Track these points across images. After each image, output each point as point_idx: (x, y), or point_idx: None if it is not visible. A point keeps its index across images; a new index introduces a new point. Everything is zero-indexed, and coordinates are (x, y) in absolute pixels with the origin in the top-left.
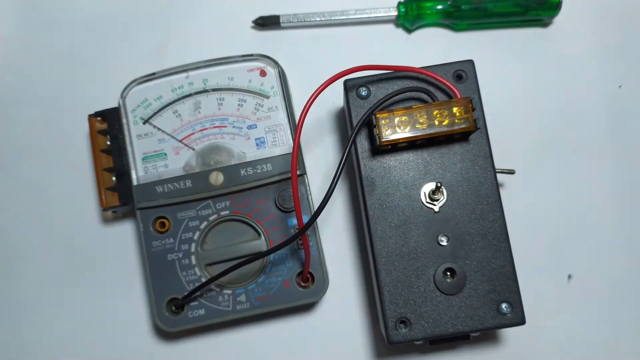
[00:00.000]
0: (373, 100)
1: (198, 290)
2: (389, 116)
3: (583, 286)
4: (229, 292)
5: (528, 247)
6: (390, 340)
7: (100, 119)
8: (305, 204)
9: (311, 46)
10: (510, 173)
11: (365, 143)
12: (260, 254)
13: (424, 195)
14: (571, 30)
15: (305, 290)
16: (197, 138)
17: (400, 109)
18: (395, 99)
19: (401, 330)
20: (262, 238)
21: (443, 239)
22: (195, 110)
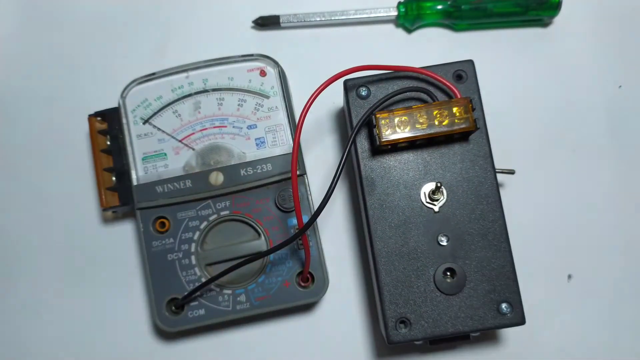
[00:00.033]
0: (373, 100)
1: (198, 290)
2: (389, 116)
3: (583, 286)
4: (229, 292)
5: (528, 247)
6: (390, 340)
7: (100, 119)
8: (305, 204)
9: (311, 46)
10: (510, 173)
11: (365, 143)
12: (260, 254)
13: (423, 195)
14: (571, 30)
15: (305, 290)
16: (197, 138)
17: (400, 109)
18: (395, 99)
19: (401, 330)
20: (262, 238)
21: (443, 239)
22: (195, 110)
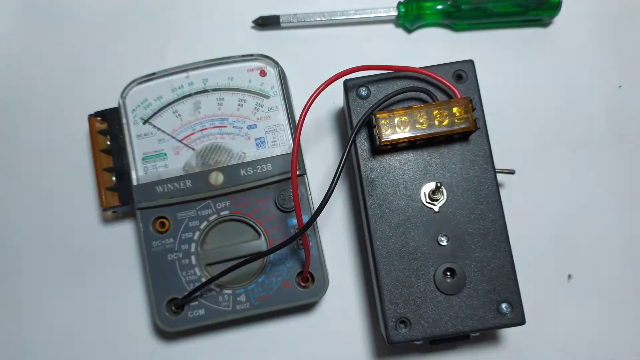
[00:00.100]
0: (373, 100)
1: (198, 290)
2: (389, 116)
3: (583, 286)
4: (229, 292)
5: (528, 247)
6: (390, 340)
7: (100, 119)
8: (305, 204)
9: (311, 46)
10: (510, 173)
11: (365, 143)
12: (260, 254)
13: (424, 195)
14: (571, 30)
15: (305, 290)
16: (197, 138)
17: (400, 109)
18: (395, 99)
19: (401, 330)
20: (262, 238)
21: (443, 239)
22: (195, 110)
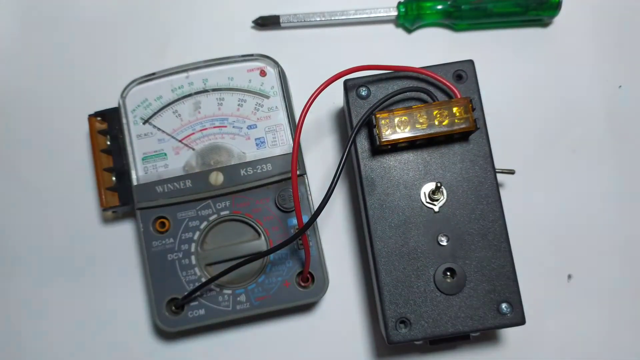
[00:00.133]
0: (373, 100)
1: (198, 290)
2: (389, 116)
3: (583, 286)
4: (229, 292)
5: (528, 247)
6: (390, 340)
7: (100, 119)
8: (305, 204)
9: (311, 46)
10: (510, 173)
11: (365, 143)
12: (260, 254)
13: (424, 195)
14: (571, 30)
15: (305, 290)
16: (197, 138)
17: (400, 109)
18: (395, 99)
19: (401, 330)
20: (262, 238)
21: (443, 239)
22: (195, 110)
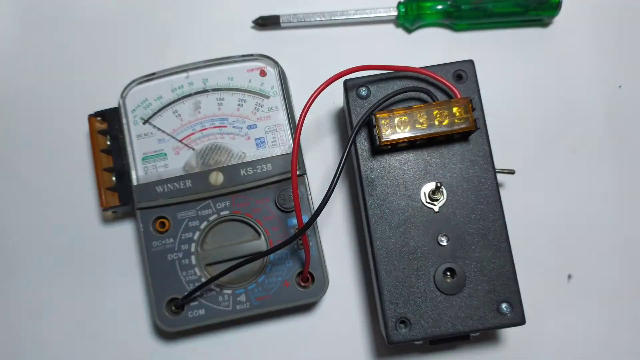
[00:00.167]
0: (373, 100)
1: (198, 290)
2: (389, 116)
3: (583, 286)
4: (229, 292)
5: (528, 247)
6: (390, 340)
7: (100, 119)
8: (305, 204)
9: (311, 46)
10: (510, 173)
11: (365, 143)
12: (260, 254)
13: (424, 195)
14: (571, 30)
15: (305, 290)
16: (197, 138)
17: (400, 109)
18: (395, 99)
19: (401, 330)
20: (262, 238)
21: (443, 239)
22: (195, 110)
